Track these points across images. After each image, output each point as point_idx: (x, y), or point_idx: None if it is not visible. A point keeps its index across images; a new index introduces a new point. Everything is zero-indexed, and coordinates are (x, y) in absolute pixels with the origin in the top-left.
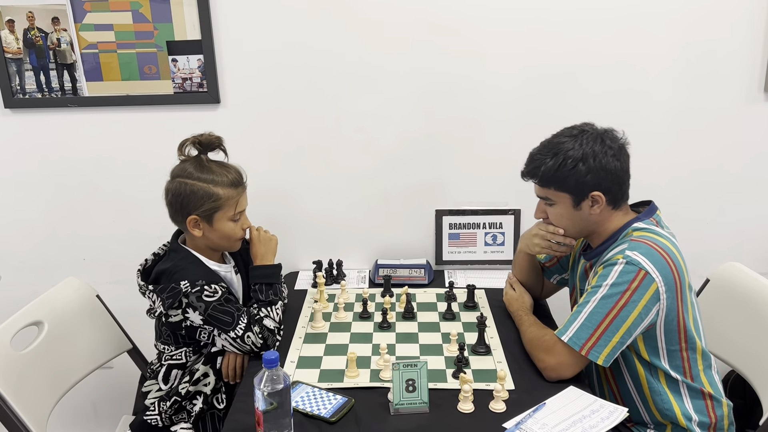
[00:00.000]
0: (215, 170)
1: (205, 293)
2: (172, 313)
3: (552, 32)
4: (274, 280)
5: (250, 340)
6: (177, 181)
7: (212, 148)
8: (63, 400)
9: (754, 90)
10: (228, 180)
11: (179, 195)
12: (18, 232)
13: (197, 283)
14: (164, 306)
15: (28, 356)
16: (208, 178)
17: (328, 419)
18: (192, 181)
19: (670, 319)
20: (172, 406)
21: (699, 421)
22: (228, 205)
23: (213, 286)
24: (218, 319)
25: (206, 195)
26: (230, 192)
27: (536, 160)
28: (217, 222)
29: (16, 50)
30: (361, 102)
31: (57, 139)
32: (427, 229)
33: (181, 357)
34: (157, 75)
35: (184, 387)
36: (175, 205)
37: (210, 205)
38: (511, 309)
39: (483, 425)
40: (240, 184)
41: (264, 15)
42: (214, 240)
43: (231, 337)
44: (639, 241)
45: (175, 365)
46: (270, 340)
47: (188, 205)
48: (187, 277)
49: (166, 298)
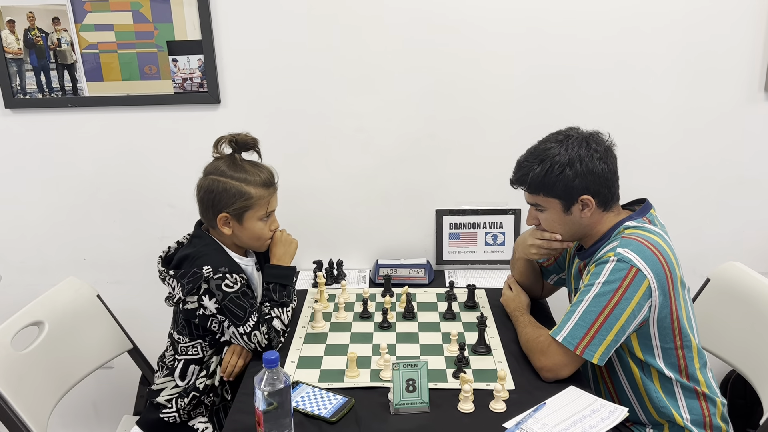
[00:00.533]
0: (248, 169)
1: (225, 282)
2: (190, 299)
3: (552, 33)
4: (288, 281)
5: (256, 339)
6: (210, 178)
7: (247, 149)
8: (64, 400)
9: (754, 89)
10: (261, 180)
11: (211, 192)
12: (18, 231)
13: (220, 269)
14: (183, 291)
15: (28, 356)
16: (241, 177)
17: (328, 419)
18: (225, 179)
19: (663, 315)
20: (191, 402)
21: (692, 420)
22: (259, 204)
23: (234, 276)
24: (232, 312)
25: (238, 193)
26: (262, 192)
27: (524, 168)
28: (248, 221)
29: (16, 50)
30: (361, 102)
31: (57, 139)
32: (427, 228)
33: (198, 351)
34: (157, 75)
35: (202, 381)
36: (206, 201)
37: (241, 203)
38: (508, 309)
39: (483, 425)
40: (272, 185)
41: (264, 15)
42: (243, 239)
43: (239, 332)
44: (630, 239)
45: (192, 360)
46: (275, 342)
47: (220, 203)
48: (210, 262)
49: (186, 283)
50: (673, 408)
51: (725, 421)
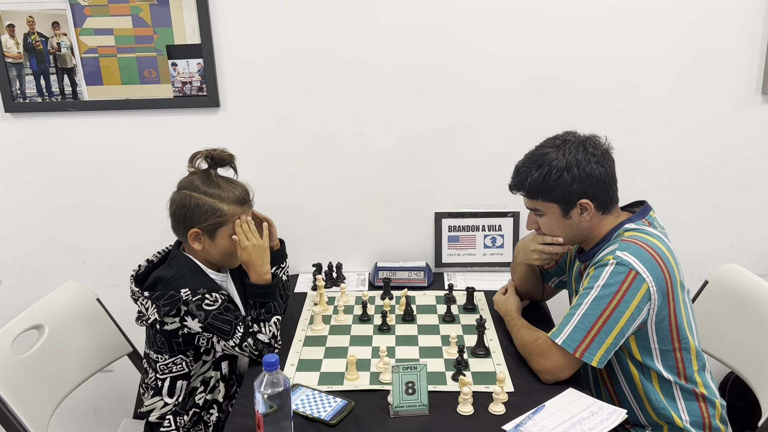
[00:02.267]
0: (222, 186)
1: (205, 302)
2: (168, 320)
3: (551, 36)
4: (267, 299)
5: (249, 349)
6: (183, 193)
7: (223, 164)
8: (64, 403)
9: (751, 92)
10: (234, 197)
11: (183, 207)
12: (18, 235)
13: (198, 291)
14: (159, 313)
15: (28, 360)
16: (214, 193)
17: (328, 422)
18: (198, 194)
19: (661, 318)
20: (192, 419)
21: (692, 422)
22: (232, 221)
23: (213, 294)
24: (217, 328)
25: (211, 210)
26: (235, 209)
27: (522, 173)
28: (219, 238)
29: (16, 55)
30: (360, 105)
31: (57, 143)
32: (426, 231)
33: (183, 367)
34: (156, 79)
35: (201, 397)
36: (178, 216)
37: (214, 220)
38: (500, 311)
39: (482, 427)
40: (246, 202)
41: (263, 19)
42: (214, 255)
43: (230, 345)
44: (629, 242)
45: (178, 376)
46: (266, 351)
47: (191, 218)
48: (188, 285)
49: (162, 305)
50: (672, 410)
51: (724, 422)
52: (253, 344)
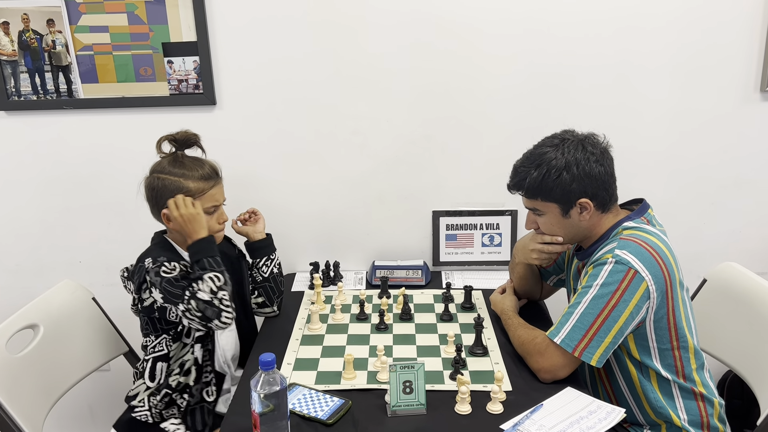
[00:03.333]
0: (188, 165)
1: (163, 269)
2: (145, 296)
3: (548, 34)
4: (202, 255)
5: (192, 312)
6: (152, 176)
7: (188, 145)
8: (59, 402)
9: (750, 90)
10: (199, 174)
11: (153, 189)
12: (13, 234)
13: (158, 259)
14: (135, 289)
15: (23, 359)
16: (179, 172)
17: (325, 421)
18: (164, 175)
19: (659, 317)
20: (163, 400)
21: (690, 420)
22: (200, 197)
23: (173, 263)
24: (170, 293)
25: (177, 188)
26: (202, 185)
27: (520, 173)
28: None
29: (11, 52)
30: (357, 103)
31: (53, 141)
32: (424, 230)
33: (163, 347)
34: (152, 77)
35: (175, 379)
36: (150, 199)
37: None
38: (497, 310)
39: (480, 427)
40: (212, 178)
41: (259, 17)
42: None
43: (181, 309)
44: (628, 240)
45: (158, 358)
46: (209, 312)
47: (161, 199)
48: (151, 255)
49: (135, 280)
50: (671, 409)
51: (722, 421)
52: (195, 306)
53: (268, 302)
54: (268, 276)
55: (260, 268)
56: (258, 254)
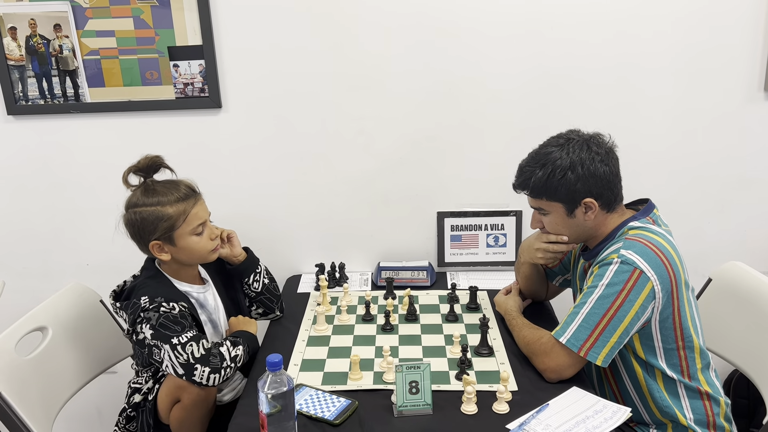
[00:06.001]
0: (160, 191)
1: (161, 308)
2: (137, 329)
3: (552, 35)
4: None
5: (191, 349)
6: (129, 213)
7: (155, 170)
8: (68, 405)
9: (753, 89)
10: (175, 197)
11: (134, 226)
12: (21, 237)
13: (156, 299)
14: (128, 323)
15: (32, 362)
16: (154, 201)
17: (331, 422)
18: (140, 208)
19: (665, 317)
20: (125, 416)
21: (696, 420)
22: (182, 220)
23: (171, 303)
24: (167, 328)
25: (157, 218)
26: (181, 207)
27: (526, 172)
28: (180, 240)
29: (18, 57)
30: (362, 105)
31: (60, 145)
32: (428, 231)
33: (142, 381)
34: (158, 80)
35: (133, 399)
36: (134, 236)
37: (164, 226)
38: (501, 311)
39: (486, 426)
40: (190, 197)
41: (264, 19)
42: (184, 259)
43: (173, 342)
44: (634, 240)
45: (135, 389)
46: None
47: (145, 233)
48: (148, 293)
49: (129, 314)
50: (677, 408)
51: (729, 420)
52: (206, 346)
53: (268, 310)
54: (261, 290)
55: (251, 285)
56: (245, 274)
